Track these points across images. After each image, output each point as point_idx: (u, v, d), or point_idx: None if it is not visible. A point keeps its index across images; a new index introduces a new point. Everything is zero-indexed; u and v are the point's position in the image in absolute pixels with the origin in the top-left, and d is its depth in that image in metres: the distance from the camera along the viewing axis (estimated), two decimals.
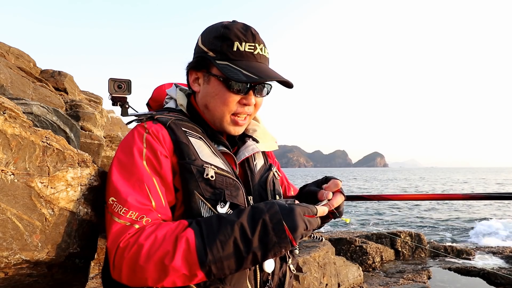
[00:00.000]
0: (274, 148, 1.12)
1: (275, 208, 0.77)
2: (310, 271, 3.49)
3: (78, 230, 0.87)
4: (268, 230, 0.74)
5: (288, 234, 0.74)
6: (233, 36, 0.89)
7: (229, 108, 0.93)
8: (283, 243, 0.74)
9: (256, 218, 0.75)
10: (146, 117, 0.93)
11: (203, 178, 0.85)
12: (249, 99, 0.93)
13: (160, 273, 0.71)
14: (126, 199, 0.78)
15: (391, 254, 6.30)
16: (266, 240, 0.73)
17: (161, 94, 1.16)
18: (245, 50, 0.89)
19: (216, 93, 0.93)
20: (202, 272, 0.71)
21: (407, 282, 4.89)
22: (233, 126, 0.96)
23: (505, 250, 7.00)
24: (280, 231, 0.74)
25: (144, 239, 0.73)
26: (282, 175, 1.19)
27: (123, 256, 0.73)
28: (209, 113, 0.97)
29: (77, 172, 0.87)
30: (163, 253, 0.71)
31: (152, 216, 0.79)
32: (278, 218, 0.75)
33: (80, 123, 2.71)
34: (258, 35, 0.93)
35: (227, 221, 0.75)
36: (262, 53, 0.93)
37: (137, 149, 0.85)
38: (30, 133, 0.81)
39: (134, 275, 0.73)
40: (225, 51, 0.89)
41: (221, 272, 0.73)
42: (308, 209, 0.79)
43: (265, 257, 0.75)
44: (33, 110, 1.55)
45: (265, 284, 0.90)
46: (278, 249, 0.74)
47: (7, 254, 0.74)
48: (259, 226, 0.74)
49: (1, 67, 2.12)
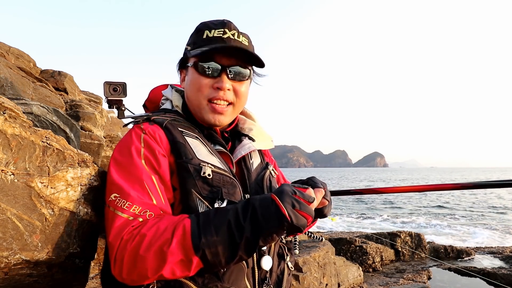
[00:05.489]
0: (270, 146, 1.14)
1: (267, 195, 0.77)
2: (310, 271, 3.49)
3: (78, 230, 0.87)
4: (257, 213, 0.74)
5: (274, 198, 0.74)
6: (204, 26, 0.95)
7: (203, 94, 0.94)
8: (271, 215, 0.73)
9: (249, 203, 0.77)
10: (142, 119, 0.94)
11: (200, 177, 0.86)
12: (222, 82, 0.93)
13: (159, 261, 0.71)
14: (129, 194, 0.79)
15: (391, 254, 6.30)
16: (256, 223, 0.73)
17: (157, 96, 1.17)
18: (214, 35, 0.93)
19: (191, 81, 0.96)
20: (197, 256, 0.71)
21: (407, 282, 4.89)
22: (212, 114, 0.96)
23: (505, 250, 7.00)
24: (267, 206, 0.74)
25: (147, 230, 0.74)
26: (279, 173, 1.20)
27: (125, 248, 0.74)
28: (191, 105, 1.00)
29: (77, 172, 0.87)
30: (163, 241, 0.72)
31: (155, 210, 0.80)
32: (268, 198, 0.76)
33: (80, 123, 2.71)
34: (231, 24, 0.95)
35: (223, 209, 0.78)
36: (234, 38, 0.94)
37: (135, 148, 0.86)
38: (30, 133, 0.81)
39: (135, 266, 0.73)
40: (196, 40, 0.95)
41: (216, 258, 0.73)
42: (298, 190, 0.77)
43: (256, 241, 0.73)
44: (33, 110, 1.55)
45: (263, 281, 0.91)
46: (269, 233, 0.73)
47: (7, 254, 0.74)
48: (250, 210, 0.75)
49: (1, 67, 2.12)
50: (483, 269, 5.58)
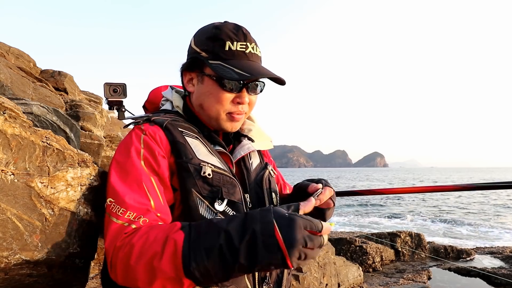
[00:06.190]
0: (270, 147, 1.14)
1: (269, 217, 0.66)
2: (310, 271, 3.49)
3: (78, 230, 0.87)
4: (257, 242, 0.64)
5: (283, 249, 0.63)
6: (225, 36, 0.91)
7: (223, 107, 0.94)
8: (273, 259, 0.64)
9: (246, 226, 0.67)
10: (143, 120, 0.94)
11: (200, 176, 0.86)
12: (243, 98, 0.95)
13: (149, 275, 0.69)
14: (124, 200, 0.78)
15: (391, 254, 6.30)
16: (254, 253, 0.64)
17: (157, 97, 1.18)
18: (236, 49, 0.91)
19: (210, 92, 0.94)
20: (188, 279, 0.68)
21: (407, 282, 4.89)
22: (230, 122, 0.97)
23: (505, 250, 7.00)
24: (271, 246, 0.64)
25: (136, 240, 0.72)
26: (278, 173, 1.21)
27: (118, 255, 0.73)
28: (204, 112, 0.99)
29: (77, 172, 0.87)
30: (152, 254, 0.69)
31: (150, 216, 0.78)
32: (271, 230, 0.64)
33: (80, 123, 2.71)
34: (249, 34, 0.94)
35: (216, 227, 0.69)
36: (254, 52, 0.94)
37: (135, 149, 0.86)
38: (30, 133, 0.81)
39: (127, 276, 0.72)
40: (217, 51, 0.91)
41: (209, 280, 0.68)
42: (312, 223, 0.66)
43: (253, 269, 0.66)
44: (33, 110, 1.55)
45: (263, 280, 0.91)
46: (267, 265, 0.65)
47: (7, 254, 0.74)
48: (248, 235, 0.65)
49: (1, 67, 2.12)
50: (483, 269, 5.57)
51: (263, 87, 1.01)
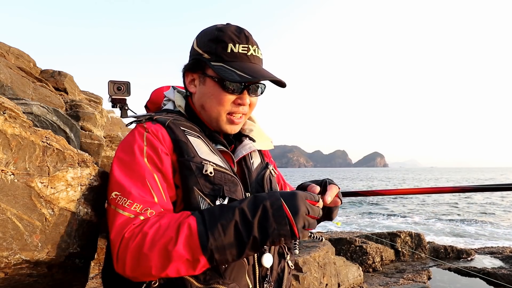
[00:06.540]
0: (270, 147, 1.16)
1: (276, 195, 0.78)
2: (310, 271, 3.49)
3: (78, 230, 0.87)
4: (268, 215, 0.75)
5: (290, 217, 0.74)
6: (227, 38, 0.93)
7: (224, 108, 0.96)
8: (282, 230, 0.74)
9: (257, 203, 0.77)
10: (145, 118, 0.95)
11: (202, 174, 0.87)
12: (244, 99, 0.97)
13: (164, 260, 0.72)
14: (130, 192, 0.79)
15: (391, 254, 6.29)
16: (266, 225, 0.74)
17: (159, 97, 1.18)
18: (238, 51, 0.92)
19: (211, 93, 0.96)
20: (205, 256, 0.72)
21: (407, 282, 4.89)
22: (230, 125, 0.99)
23: (505, 250, 7.00)
24: (280, 217, 0.75)
25: (148, 228, 0.74)
26: (278, 173, 1.22)
27: (127, 246, 0.74)
28: (205, 113, 1.00)
29: (77, 172, 0.87)
30: (166, 240, 0.72)
31: (156, 208, 0.80)
32: (279, 204, 0.76)
33: (80, 123, 2.71)
34: (251, 37, 0.96)
35: (229, 207, 0.78)
36: (256, 54, 0.95)
37: (138, 147, 0.87)
38: (30, 133, 0.81)
39: (138, 265, 0.73)
40: (219, 53, 0.93)
41: (223, 257, 0.74)
42: (310, 195, 0.80)
43: (264, 243, 0.75)
44: (33, 110, 1.55)
45: (264, 279, 0.92)
46: (277, 237, 0.75)
47: (7, 254, 0.74)
48: (260, 210, 0.75)
49: (1, 67, 2.12)
50: (483, 269, 5.58)
51: (264, 89, 1.02)
